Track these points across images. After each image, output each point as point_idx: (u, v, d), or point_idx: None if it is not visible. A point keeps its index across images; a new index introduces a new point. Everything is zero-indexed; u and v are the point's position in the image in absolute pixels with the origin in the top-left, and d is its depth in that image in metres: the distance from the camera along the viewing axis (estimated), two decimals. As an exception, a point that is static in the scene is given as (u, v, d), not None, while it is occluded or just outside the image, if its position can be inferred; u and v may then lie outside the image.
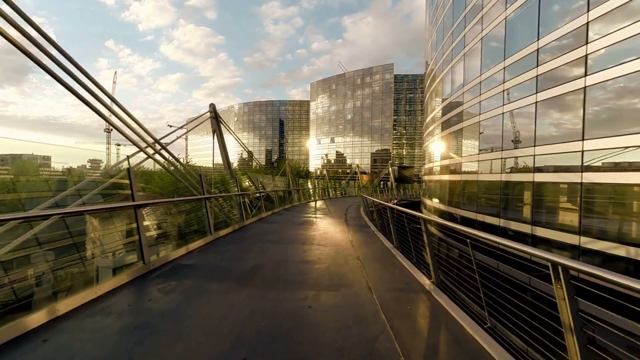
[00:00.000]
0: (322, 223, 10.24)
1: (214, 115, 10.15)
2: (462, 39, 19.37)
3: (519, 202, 14.25)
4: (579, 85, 10.94)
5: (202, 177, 6.56)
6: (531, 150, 13.32)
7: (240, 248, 5.92)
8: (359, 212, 14.92)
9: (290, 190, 17.27)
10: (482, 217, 16.14)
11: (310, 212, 13.79)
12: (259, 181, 11.55)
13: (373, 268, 4.73)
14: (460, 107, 19.78)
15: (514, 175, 14.39)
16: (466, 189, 18.50)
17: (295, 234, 7.89)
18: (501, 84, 15.23)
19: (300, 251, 5.82)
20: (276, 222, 10.20)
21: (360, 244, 6.80)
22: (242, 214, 8.90)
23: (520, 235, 13.36)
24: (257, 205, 11.47)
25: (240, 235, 7.30)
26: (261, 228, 8.67)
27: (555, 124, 12.39)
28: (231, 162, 62.05)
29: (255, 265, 4.64)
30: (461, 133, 19.44)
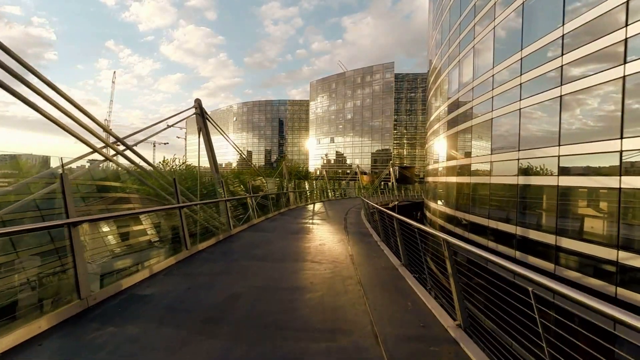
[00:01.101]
0: (319, 231, 9.28)
1: (200, 111, 9.17)
2: (472, 30, 18.10)
3: (540, 209, 12.82)
4: (614, 75, 9.63)
5: (177, 183, 5.59)
6: (554, 150, 11.77)
7: (217, 268, 4.96)
8: (359, 217, 13.96)
9: (287, 192, 16.27)
10: (495, 224, 14.87)
11: (307, 217, 12.83)
12: (251, 184, 10.59)
13: (379, 299, 3.77)
14: (469, 104, 18.50)
15: (533, 178, 12.97)
16: (476, 192, 17.29)
17: (287, 246, 6.93)
18: (517, 76, 13.83)
19: (290, 272, 4.85)
20: (268, 230, 9.23)
21: (361, 259, 5.84)
22: (229, 221, 7.95)
23: (541, 246, 12.06)
24: (248, 212, 10.51)
25: (223, 249, 6.33)
26: (250, 238, 7.70)
27: (586, 120, 11.07)
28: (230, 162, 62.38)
29: (230, 297, 3.68)
30: (470, 132, 18.22)
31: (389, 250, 6.65)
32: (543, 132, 12.80)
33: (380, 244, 7.41)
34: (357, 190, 38.13)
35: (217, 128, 10.22)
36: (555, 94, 11.65)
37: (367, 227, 10.41)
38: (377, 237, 8.28)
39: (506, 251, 13.59)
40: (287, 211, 15.03)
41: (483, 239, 15.72)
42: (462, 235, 17.69)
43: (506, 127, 14.87)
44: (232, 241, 7.18)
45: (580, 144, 10.92)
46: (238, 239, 7.54)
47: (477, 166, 17.56)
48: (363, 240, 8.09)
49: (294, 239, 7.88)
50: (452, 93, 21.87)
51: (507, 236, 14.00)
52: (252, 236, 8.02)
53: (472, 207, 17.33)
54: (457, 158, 20.32)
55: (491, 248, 14.64)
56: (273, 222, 10.96)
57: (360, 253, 6.43)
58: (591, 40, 10.61)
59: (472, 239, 16.44)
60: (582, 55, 10.94)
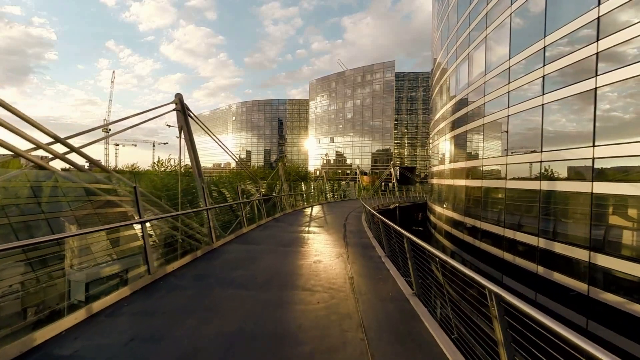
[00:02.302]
0: (315, 242, 8.26)
1: (180, 108, 8.14)
2: (484, 19, 16.62)
3: (568, 219, 11.29)
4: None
5: (138, 192, 4.57)
6: (588, 151, 10.03)
7: (182, 301, 3.94)
8: (360, 222, 12.95)
9: (280, 196, 15.22)
10: (512, 234, 13.43)
11: (303, 225, 11.81)
12: (240, 189, 9.54)
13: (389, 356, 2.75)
14: (479, 100, 17.08)
15: (560, 183, 11.29)
16: (488, 197, 15.89)
17: (275, 265, 5.90)
18: (540, 67, 12.23)
19: (273, 306, 3.83)
20: (257, 241, 8.21)
21: (364, 284, 4.82)
22: (211, 233, 6.93)
23: (570, 262, 10.65)
24: (238, 219, 9.50)
25: (197, 270, 5.31)
26: (233, 253, 6.68)
27: (628, 115, 9.52)
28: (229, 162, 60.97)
29: (184, 357, 2.66)
30: (481, 131, 16.82)
31: (395, 271, 5.64)
32: (572, 130, 11.27)
33: (384, 260, 6.40)
34: (357, 191, 37.08)
35: (202, 127, 9.20)
36: (588, 86, 10.10)
37: (368, 237, 9.39)
38: (380, 251, 7.27)
39: (526, 265, 12.29)
40: (282, 216, 14.01)
41: (497, 250, 14.43)
42: (472, 244, 16.37)
43: (525, 125, 13.42)
44: (211, 258, 6.16)
45: (620, 145, 9.27)
46: (220, 254, 6.51)
47: (489, 168, 16.16)
48: (365, 254, 7.08)
49: (285, 253, 6.86)
50: (460, 89, 20.36)
51: (527, 248, 12.49)
52: (237, 250, 6.99)
53: (484, 213, 15.96)
54: (466, 159, 18.94)
55: (507, 260, 13.40)
56: (265, 231, 9.94)
57: (362, 274, 5.41)
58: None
59: (484, 249, 15.26)
60: (628, 38, 9.16)
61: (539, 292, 11.01)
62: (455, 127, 20.76)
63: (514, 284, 12.73)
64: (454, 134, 20.99)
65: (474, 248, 16.25)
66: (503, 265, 13.69)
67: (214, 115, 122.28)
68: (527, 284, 12.19)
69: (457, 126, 20.54)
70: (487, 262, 14.89)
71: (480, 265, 15.27)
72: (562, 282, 10.78)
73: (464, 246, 17.58)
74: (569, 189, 10.95)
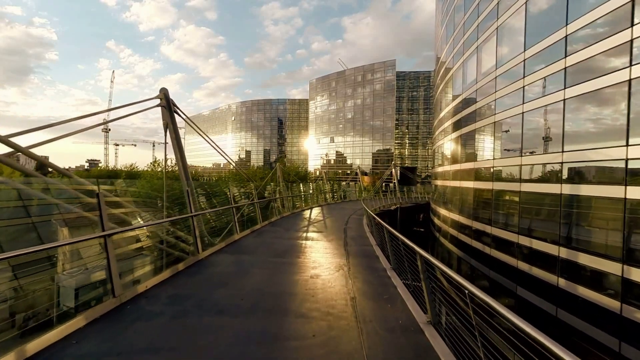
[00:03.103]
0: (313, 251, 7.54)
1: (166, 103, 7.42)
2: (494, 9, 15.46)
3: (597, 226, 10.05)
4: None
5: (101, 200, 3.86)
6: (620, 151, 8.92)
7: (147, 336, 3.21)
8: (361, 226, 12.24)
9: (279, 197, 14.48)
10: (529, 242, 12.34)
11: (300, 229, 11.09)
12: (232, 193, 8.80)
13: None
14: (490, 97, 15.89)
15: (587, 187, 10.04)
16: (500, 201, 14.76)
17: (266, 281, 5.18)
18: (561, 59, 11.07)
19: (258, 342, 3.11)
20: (249, 250, 7.49)
21: (369, 309, 4.09)
22: (197, 243, 6.21)
23: (601, 276, 9.48)
24: (230, 225, 8.78)
25: (175, 289, 4.59)
26: (220, 266, 5.96)
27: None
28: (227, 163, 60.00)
29: None
30: (492, 129, 15.62)
31: (403, 288, 4.92)
32: (600, 128, 10.11)
33: (390, 274, 5.68)
34: (358, 192, 36.33)
35: (191, 125, 8.48)
36: (621, 77, 8.94)
37: (371, 244, 8.68)
38: (385, 262, 6.55)
39: (544, 276, 11.27)
40: (279, 220, 13.29)
41: (511, 259, 13.31)
42: (482, 250, 15.37)
43: (543, 123, 12.28)
44: (194, 273, 5.44)
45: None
46: (205, 268, 5.79)
47: (501, 170, 15.05)
48: (368, 265, 6.35)
49: (278, 266, 6.14)
50: (467, 86, 19.15)
51: (546, 258, 11.34)
52: (225, 262, 6.27)
53: (495, 218, 14.84)
54: (475, 160, 17.82)
55: (522, 270, 12.42)
56: (259, 237, 9.22)
57: (366, 293, 4.69)
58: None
59: (494, 256, 14.28)
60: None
61: (560, 307, 10.09)
62: (462, 126, 19.63)
63: (529, 296, 11.86)
64: (461, 133, 19.90)
65: (483, 255, 15.31)
66: (517, 275, 12.74)
67: (214, 115, 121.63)
68: (546, 297, 11.19)
69: (464, 125, 19.42)
70: (498, 270, 13.95)
71: (491, 274, 14.37)
72: (588, 298, 9.70)
73: (472, 252, 16.64)
74: (596, 193, 9.86)
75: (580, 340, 9.60)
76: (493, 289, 14.27)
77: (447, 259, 21.05)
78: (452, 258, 19.35)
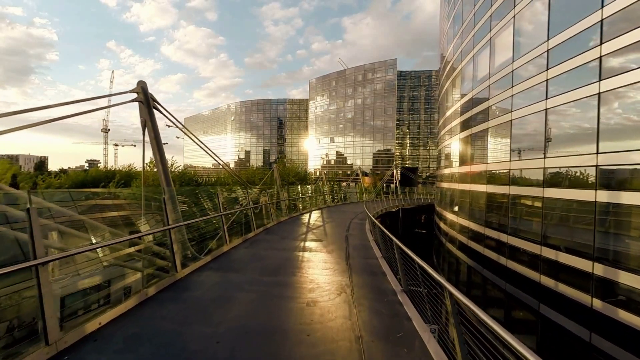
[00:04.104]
0: (311, 266, 6.61)
1: (144, 98, 6.51)
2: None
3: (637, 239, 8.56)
4: None
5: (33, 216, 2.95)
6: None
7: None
8: (363, 234, 11.33)
9: (275, 201, 13.54)
10: (554, 254, 10.92)
11: (298, 238, 10.16)
12: (221, 199, 7.83)
13: None
14: (505, 93, 14.38)
15: (629, 195, 8.53)
16: (519, 207, 13.29)
17: (252, 312, 4.24)
18: (595, 46, 9.65)
19: None
20: (238, 266, 6.56)
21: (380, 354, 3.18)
22: (175, 260, 5.31)
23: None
24: (219, 235, 7.87)
25: (137, 326, 3.67)
26: (200, 290, 5.03)
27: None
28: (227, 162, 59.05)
29: None
30: (508, 128, 14.14)
31: (420, 320, 4.02)
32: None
33: (401, 298, 4.78)
34: (359, 194, 35.40)
35: (174, 122, 7.57)
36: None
37: (376, 255, 7.77)
38: (393, 280, 5.64)
39: (575, 295, 9.88)
40: (275, 226, 12.38)
41: (532, 272, 11.90)
42: (497, 261, 14.09)
43: (571, 120, 10.94)
44: (167, 300, 4.52)
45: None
46: (181, 291, 4.88)
47: (519, 172, 13.63)
48: (374, 286, 5.44)
49: (269, 287, 5.22)
50: (478, 82, 17.66)
51: (577, 274, 9.87)
52: (207, 282, 5.35)
53: (513, 225, 13.42)
54: (487, 161, 16.41)
55: (546, 286, 11.12)
56: (251, 248, 8.31)
57: (376, 331, 3.76)
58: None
59: (512, 268, 13.01)
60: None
61: (595, 332, 9.04)
62: (473, 125, 18.20)
63: (555, 316, 10.60)
64: (470, 133, 18.48)
65: (497, 265, 14.00)
66: (540, 291, 11.40)
67: (213, 115, 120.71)
68: (576, 319, 9.80)
69: (474, 124, 18.00)
70: (516, 284, 12.66)
71: (507, 287, 13.19)
72: (632, 324, 8.33)
73: (484, 262, 15.28)
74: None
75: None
76: (510, 303, 13.10)
77: (455, 267, 19.90)
78: (461, 266, 18.26)
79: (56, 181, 35.61)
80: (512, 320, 13.32)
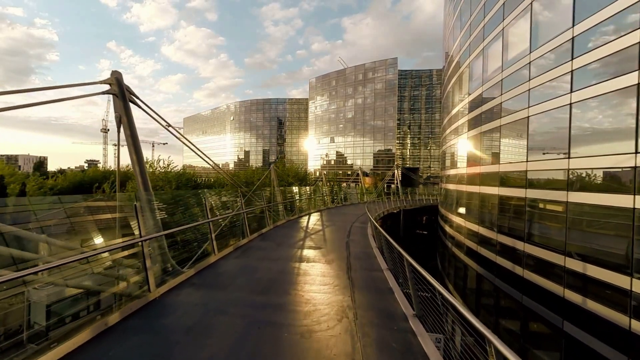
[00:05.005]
0: (308, 282, 5.81)
1: (118, 90, 5.71)
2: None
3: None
4: None
5: None
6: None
7: None
8: (365, 239, 10.55)
9: (267, 206, 12.70)
10: (582, 267, 9.76)
11: (294, 245, 9.36)
12: (208, 205, 6.99)
13: None
14: (522, 86, 13.11)
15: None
16: (537, 212, 12.09)
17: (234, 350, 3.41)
18: (635, 29, 8.35)
19: None
20: (225, 281, 5.75)
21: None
22: (148, 277, 4.53)
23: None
24: (207, 244, 7.09)
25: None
26: (175, 314, 4.23)
27: None
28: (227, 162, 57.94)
29: None
30: (524, 125, 12.91)
31: (435, 353, 3.26)
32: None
33: (413, 325, 3.99)
34: (360, 194, 34.59)
35: (156, 119, 6.77)
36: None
37: (380, 267, 6.97)
38: (403, 302, 4.84)
39: (609, 315, 8.68)
40: (271, 231, 11.59)
41: (553, 285, 10.75)
42: (512, 270, 12.98)
43: (601, 114, 9.73)
44: (131, 331, 3.71)
45: None
46: (151, 318, 4.07)
47: (538, 174, 12.42)
48: (382, 310, 4.63)
49: (257, 311, 4.40)
50: (489, 76, 16.37)
51: (612, 291, 8.71)
52: (185, 304, 4.55)
53: (531, 232, 12.26)
54: (500, 162, 15.12)
55: (572, 302, 9.93)
56: (243, 257, 7.52)
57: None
58: None
59: (530, 279, 11.84)
60: None
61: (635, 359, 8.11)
62: (483, 123, 16.96)
63: (584, 337, 9.46)
64: (480, 131, 17.32)
65: (512, 275, 12.82)
66: (564, 307, 10.29)
67: (213, 114, 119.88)
68: (611, 342, 8.59)
69: (485, 121, 16.76)
70: (536, 298, 11.47)
71: (524, 300, 12.09)
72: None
73: (497, 270, 14.13)
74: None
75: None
76: (527, 316, 12.04)
77: (462, 273, 18.90)
78: (469, 273, 17.32)
79: (50, 182, 34.64)
80: (530, 334, 12.29)
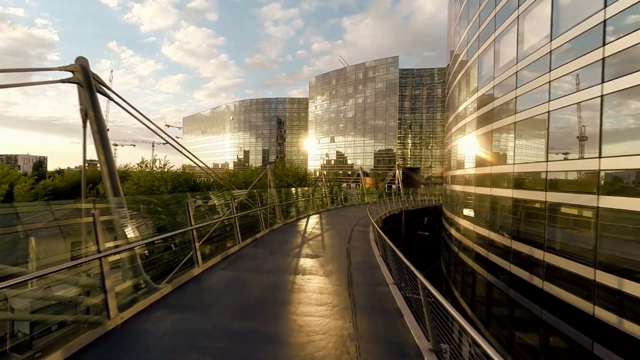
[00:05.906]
0: (302, 299, 4.97)
1: (83, 79, 4.90)
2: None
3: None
4: None
5: None
6: None
7: None
8: (368, 245, 9.74)
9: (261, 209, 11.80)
10: (617, 282, 8.57)
11: (290, 253, 8.52)
12: (192, 208, 6.20)
13: None
14: (541, 78, 11.98)
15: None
16: (560, 218, 10.96)
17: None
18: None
19: None
20: (206, 300, 4.91)
21: None
22: (107, 301, 3.73)
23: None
24: (191, 254, 6.28)
25: None
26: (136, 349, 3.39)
27: None
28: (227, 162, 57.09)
29: None
30: (543, 122, 11.79)
31: None
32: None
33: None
34: (360, 195, 33.74)
35: (132, 113, 5.96)
36: None
37: (386, 281, 6.14)
38: (415, 329, 4.01)
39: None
40: (266, 235, 10.76)
41: (581, 301, 9.68)
42: (529, 281, 11.85)
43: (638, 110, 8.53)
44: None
45: None
46: (105, 354, 3.27)
47: (560, 175, 11.28)
48: (390, 340, 3.80)
49: (237, 344, 3.55)
50: (500, 70, 15.18)
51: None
52: (149, 336, 3.71)
53: (551, 239, 11.27)
54: (513, 162, 13.94)
55: (604, 321, 8.85)
56: (231, 268, 6.69)
57: None
58: None
59: (551, 292, 10.66)
60: None
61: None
62: (494, 120, 15.79)
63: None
64: (491, 129, 16.15)
65: (529, 287, 11.83)
66: (595, 328, 9.24)
67: (213, 114, 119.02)
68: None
69: (496, 118, 15.58)
70: (558, 313, 10.40)
71: (544, 314, 10.98)
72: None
73: (511, 280, 12.99)
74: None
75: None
76: (548, 333, 10.94)
77: (471, 281, 17.85)
78: (478, 279, 16.31)
79: (43, 183, 33.84)
80: (550, 352, 11.25)
